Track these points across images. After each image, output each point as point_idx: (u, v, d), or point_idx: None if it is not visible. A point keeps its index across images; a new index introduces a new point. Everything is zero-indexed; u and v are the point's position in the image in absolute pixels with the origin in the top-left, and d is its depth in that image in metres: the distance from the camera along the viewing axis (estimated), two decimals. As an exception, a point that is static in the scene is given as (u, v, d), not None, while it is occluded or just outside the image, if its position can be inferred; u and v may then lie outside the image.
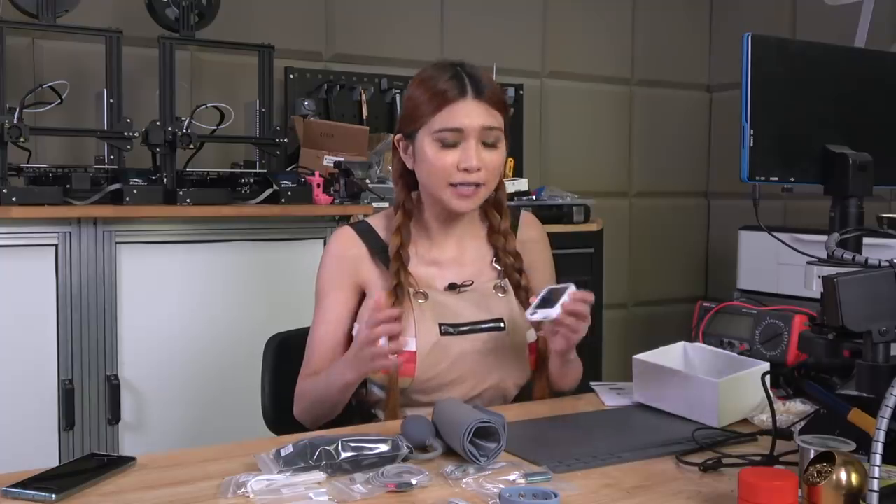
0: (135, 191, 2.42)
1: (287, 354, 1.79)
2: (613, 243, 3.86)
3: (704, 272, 4.52)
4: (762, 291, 3.12)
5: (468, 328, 1.63)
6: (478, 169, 1.59)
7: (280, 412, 1.75)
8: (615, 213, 4.08)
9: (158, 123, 2.57)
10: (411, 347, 1.59)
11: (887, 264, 1.15)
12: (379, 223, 1.72)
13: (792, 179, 1.48)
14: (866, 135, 1.53)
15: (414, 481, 1.15)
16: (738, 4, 4.26)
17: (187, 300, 2.54)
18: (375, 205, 2.74)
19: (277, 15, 3.29)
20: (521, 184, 3.31)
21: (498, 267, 1.72)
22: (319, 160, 2.87)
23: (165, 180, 2.55)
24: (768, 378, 1.35)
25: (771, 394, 1.35)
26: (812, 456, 1.07)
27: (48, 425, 2.36)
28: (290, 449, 1.21)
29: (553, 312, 1.47)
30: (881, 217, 2.71)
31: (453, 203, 1.62)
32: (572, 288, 1.50)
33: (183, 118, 2.58)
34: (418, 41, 3.60)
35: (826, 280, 1.13)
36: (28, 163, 2.54)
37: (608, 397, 1.65)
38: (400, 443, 1.24)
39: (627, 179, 4.27)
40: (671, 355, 1.65)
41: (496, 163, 1.62)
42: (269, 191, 2.63)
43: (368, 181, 2.87)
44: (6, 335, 2.32)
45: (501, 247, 1.72)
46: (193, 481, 1.19)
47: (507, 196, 1.77)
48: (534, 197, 3.31)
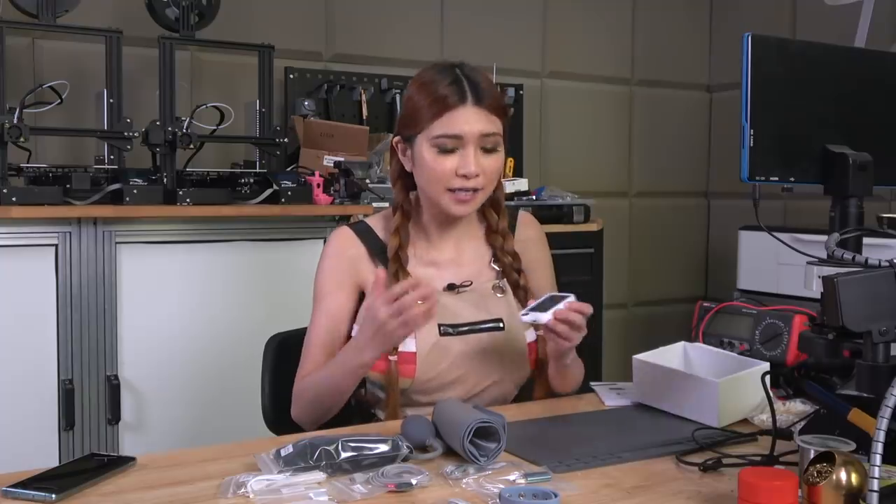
0: (135, 191, 2.42)
1: (287, 354, 1.79)
2: (613, 243, 3.86)
3: (704, 272, 4.52)
4: (762, 291, 3.12)
5: (467, 328, 1.63)
6: (476, 175, 1.58)
7: (280, 412, 1.74)
8: (615, 213, 4.08)
9: (158, 123, 2.57)
10: (411, 348, 1.59)
11: (887, 264, 1.14)
12: (377, 224, 1.72)
13: (792, 179, 1.48)
14: (866, 135, 1.53)
15: (414, 481, 1.15)
16: (738, 4, 4.26)
17: (187, 300, 2.54)
18: (375, 205, 2.74)
19: (277, 15, 3.29)
20: (521, 184, 3.31)
21: (496, 267, 1.72)
22: (319, 160, 2.87)
23: (165, 180, 2.55)
24: (768, 378, 1.35)
25: (771, 394, 1.35)
26: (812, 456, 1.07)
27: (48, 425, 2.36)
28: (290, 449, 1.21)
29: (543, 317, 1.47)
30: (881, 217, 2.71)
31: (451, 208, 1.61)
32: (571, 298, 1.50)
33: (183, 118, 2.58)
34: (418, 41, 3.60)
35: (826, 280, 1.13)
36: (28, 163, 2.54)
37: (608, 397, 1.65)
38: (400, 443, 1.24)
39: (627, 179, 4.27)
40: (671, 355, 1.65)
41: (494, 168, 1.62)
42: (269, 191, 2.63)
43: (368, 181, 2.87)
44: (6, 335, 2.32)
45: (500, 247, 1.72)
46: (193, 481, 1.19)
47: (507, 196, 1.77)
48: (534, 197, 3.31)
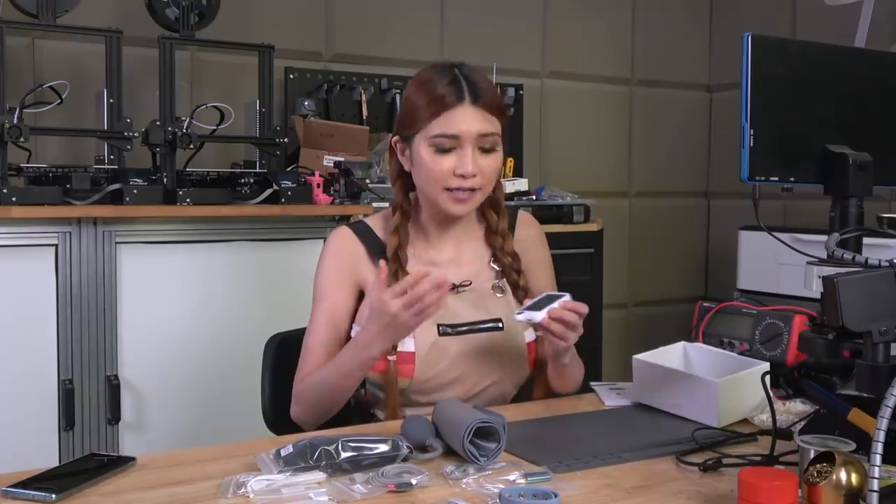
0: (135, 191, 2.42)
1: (287, 354, 1.79)
2: (613, 243, 3.86)
3: (704, 272, 4.51)
4: (762, 291, 3.12)
5: (466, 328, 1.63)
6: (474, 175, 1.58)
7: (280, 412, 1.74)
8: (615, 213, 4.08)
9: (158, 123, 2.57)
10: (409, 348, 1.59)
11: (887, 264, 1.14)
12: (377, 224, 1.72)
13: (792, 179, 1.48)
14: (866, 135, 1.53)
15: (414, 481, 1.15)
16: (738, 4, 4.26)
17: (187, 300, 2.54)
18: (375, 205, 2.74)
19: (277, 15, 3.29)
20: (521, 184, 3.31)
21: (496, 267, 1.72)
22: (319, 160, 2.87)
23: (165, 180, 2.55)
24: (768, 378, 1.35)
25: (771, 394, 1.35)
26: (812, 456, 1.07)
27: (48, 425, 2.36)
28: (290, 449, 1.21)
29: (538, 316, 1.47)
30: (881, 217, 2.70)
31: (449, 207, 1.61)
32: (567, 297, 1.50)
33: (183, 118, 2.58)
34: (418, 41, 3.60)
35: (826, 280, 1.13)
36: (28, 163, 2.54)
37: (608, 397, 1.65)
38: (400, 443, 1.24)
39: (627, 179, 4.27)
40: (671, 355, 1.65)
41: (492, 167, 1.62)
42: (269, 191, 2.63)
43: (368, 181, 2.86)
44: (6, 335, 2.32)
45: (499, 247, 1.72)
46: (193, 481, 1.19)
47: (507, 196, 1.77)
48: (534, 197, 3.31)
